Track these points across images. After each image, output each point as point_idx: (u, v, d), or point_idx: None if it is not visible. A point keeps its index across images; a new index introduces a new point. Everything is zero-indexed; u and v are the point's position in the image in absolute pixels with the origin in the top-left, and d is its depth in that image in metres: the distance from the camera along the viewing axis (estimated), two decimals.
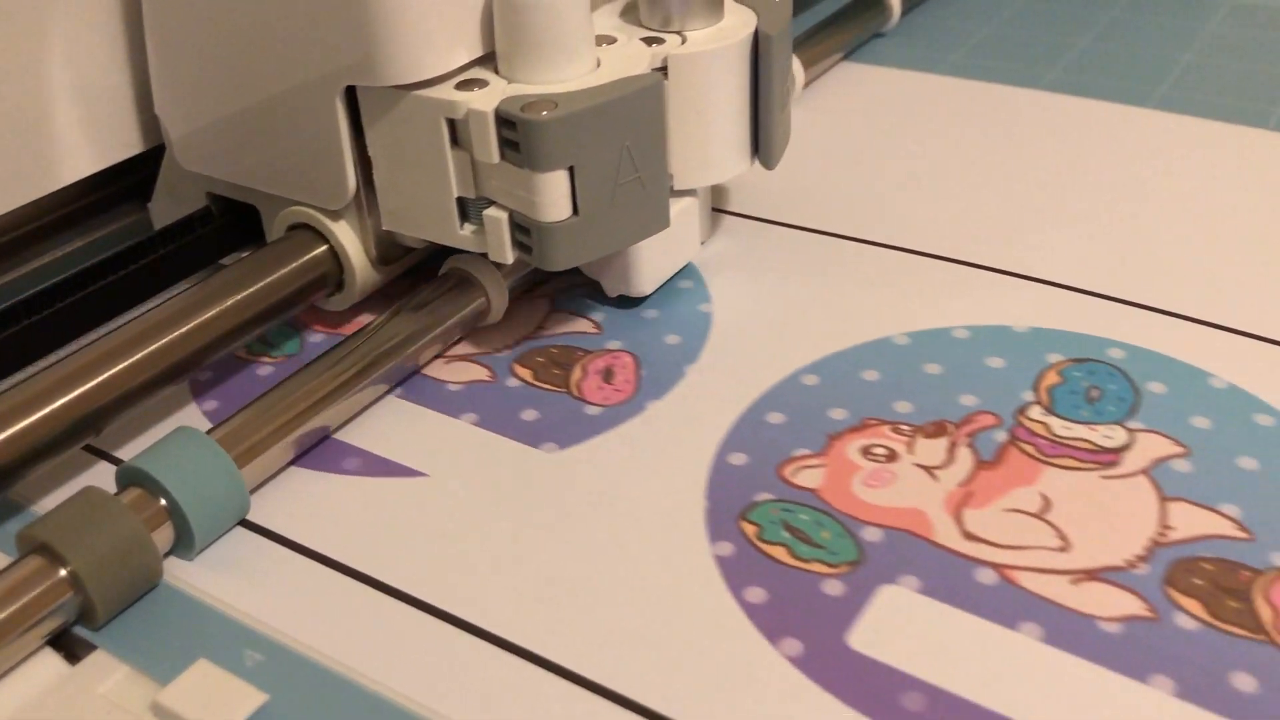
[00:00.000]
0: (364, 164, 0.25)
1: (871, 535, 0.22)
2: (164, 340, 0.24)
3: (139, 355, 0.23)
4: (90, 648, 0.20)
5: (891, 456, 0.23)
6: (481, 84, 0.24)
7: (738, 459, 0.23)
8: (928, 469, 0.23)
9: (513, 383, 0.26)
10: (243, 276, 0.25)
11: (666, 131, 0.25)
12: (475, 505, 0.23)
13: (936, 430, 0.24)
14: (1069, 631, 0.20)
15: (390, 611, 0.21)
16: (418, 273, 0.28)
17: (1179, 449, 0.23)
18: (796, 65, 0.37)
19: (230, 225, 0.29)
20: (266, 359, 0.27)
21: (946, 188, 0.33)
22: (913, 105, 0.37)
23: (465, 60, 0.24)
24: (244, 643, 0.20)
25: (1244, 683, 0.19)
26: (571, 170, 0.23)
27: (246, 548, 0.22)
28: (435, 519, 0.22)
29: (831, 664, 0.19)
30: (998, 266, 0.29)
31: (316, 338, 0.27)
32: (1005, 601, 0.20)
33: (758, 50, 0.26)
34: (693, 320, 0.28)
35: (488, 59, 0.25)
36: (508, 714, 0.19)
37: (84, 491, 0.21)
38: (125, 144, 0.29)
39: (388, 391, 0.26)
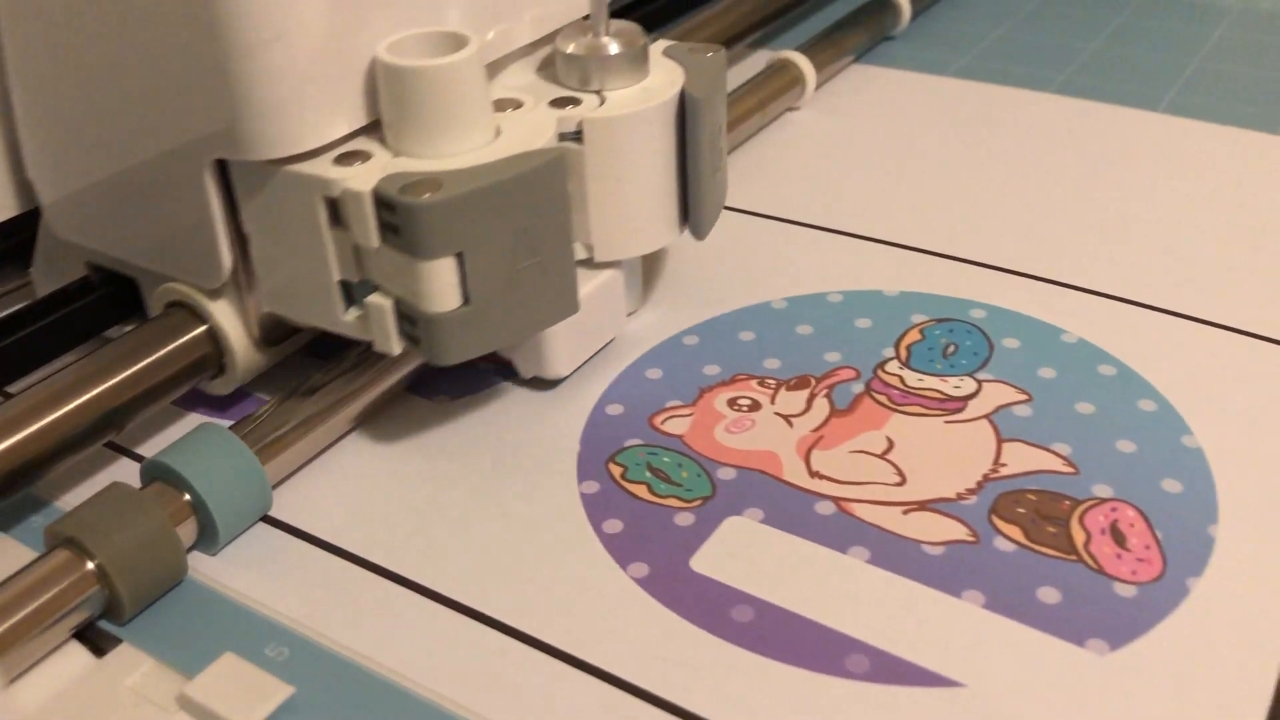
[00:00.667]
0: (241, 240, 0.23)
1: (726, 474, 0.23)
2: (19, 436, 0.22)
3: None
4: (116, 641, 0.20)
5: (754, 406, 0.25)
6: (364, 157, 0.22)
7: (615, 409, 0.25)
8: (786, 417, 0.25)
9: None
10: (114, 360, 0.23)
11: (569, 210, 0.22)
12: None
13: (799, 383, 0.26)
14: (894, 554, 0.21)
15: (412, 605, 0.21)
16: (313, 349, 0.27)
17: (1022, 396, 0.25)
18: (807, 68, 0.37)
19: (112, 296, 0.26)
20: None
21: (917, 181, 0.34)
22: (921, 107, 0.38)
23: (346, 130, 0.22)
24: (269, 636, 0.20)
25: (1049, 595, 0.21)
26: (461, 256, 0.21)
27: (269, 543, 0.22)
28: (459, 510, 0.23)
29: (673, 584, 0.21)
30: (872, 235, 0.31)
31: None
32: (839, 529, 0.22)
33: (685, 112, 0.24)
34: None
35: (376, 127, 0.22)
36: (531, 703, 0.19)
37: (110, 487, 0.21)
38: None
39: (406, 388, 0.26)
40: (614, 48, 0.24)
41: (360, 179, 0.21)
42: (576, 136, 0.24)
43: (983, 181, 0.33)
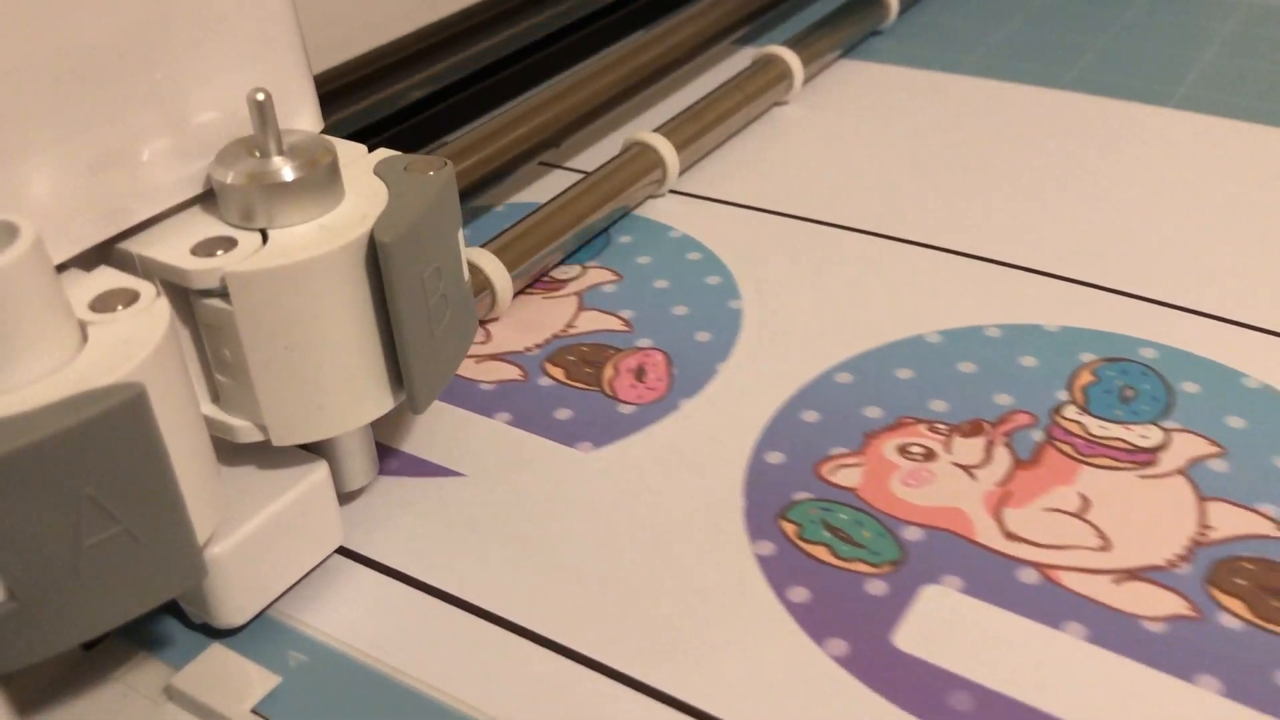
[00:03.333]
0: None
1: (912, 535, 0.22)
2: None
3: None
4: (104, 634, 0.20)
5: (929, 455, 0.23)
6: None
7: (775, 457, 0.23)
8: (966, 468, 0.23)
9: (545, 381, 0.26)
10: None
11: (163, 456, 0.17)
12: (510, 504, 0.23)
13: (973, 429, 0.24)
14: (1113, 631, 0.20)
15: (412, 601, 0.21)
16: None
17: (1215, 449, 0.23)
18: (795, 64, 0.36)
19: None
20: None
21: (957, 184, 0.33)
22: (911, 101, 0.37)
23: None
24: (256, 627, 0.20)
25: None
26: None
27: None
28: (468, 516, 0.22)
29: (878, 664, 0.19)
30: (1025, 265, 0.29)
31: None
32: (1048, 601, 0.20)
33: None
34: (722, 317, 0.28)
35: None
36: (539, 705, 0.19)
37: None
38: None
39: None
40: (286, 172, 0.19)
41: None
42: (225, 294, 0.18)
43: (973, 178, 0.33)
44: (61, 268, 0.18)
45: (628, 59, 0.36)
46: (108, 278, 0.18)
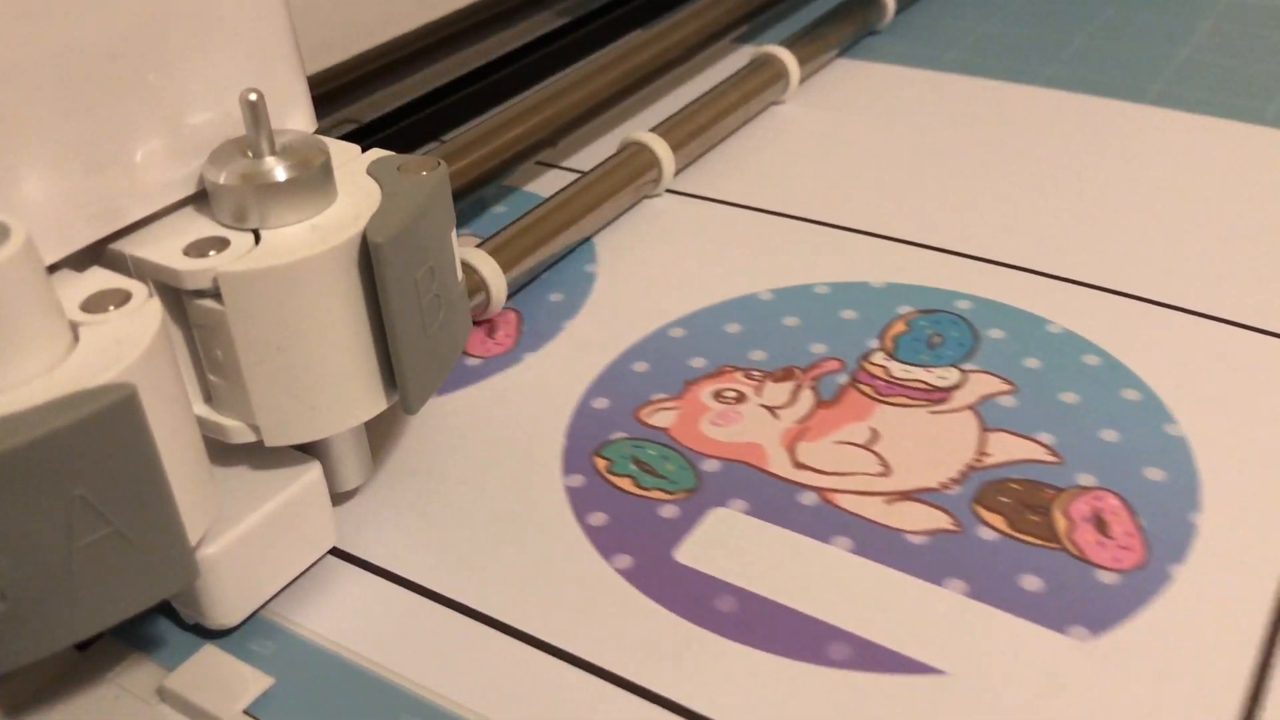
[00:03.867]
0: None
1: (711, 466, 0.23)
2: None
3: None
4: (97, 635, 0.20)
5: (740, 399, 0.25)
6: None
7: (600, 403, 0.25)
8: (771, 409, 0.25)
9: None
10: None
11: (154, 457, 0.17)
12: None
13: (785, 375, 0.26)
14: (878, 544, 0.22)
15: (392, 596, 0.21)
16: None
17: (1007, 386, 0.25)
18: (791, 62, 0.37)
19: None
20: None
21: (902, 173, 0.34)
22: (905, 101, 0.38)
23: None
24: (249, 628, 0.21)
25: (1031, 583, 0.21)
26: None
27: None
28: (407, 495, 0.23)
29: (656, 575, 0.21)
30: (881, 232, 0.31)
31: None
32: (823, 520, 0.22)
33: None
34: (577, 279, 0.29)
35: None
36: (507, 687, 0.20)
37: None
38: None
39: None
40: (279, 173, 0.19)
41: None
42: (217, 294, 0.19)
43: (967, 174, 0.33)
44: (53, 268, 0.18)
45: (624, 59, 0.36)
46: (99, 278, 0.18)
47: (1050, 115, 0.37)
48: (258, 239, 0.19)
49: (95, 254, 0.19)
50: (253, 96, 0.19)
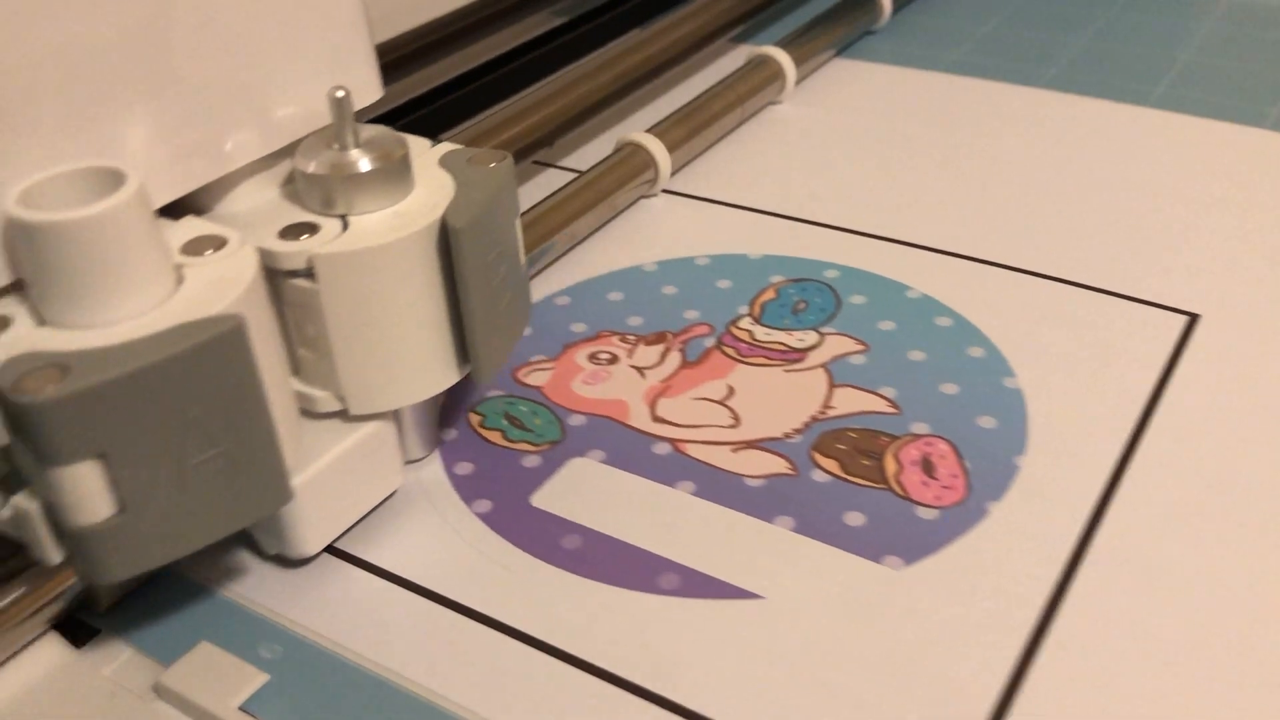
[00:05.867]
0: None
1: (576, 421, 0.25)
2: None
3: None
4: (94, 632, 0.21)
5: (613, 360, 0.27)
6: (3, 324, 0.18)
7: None
8: (640, 369, 0.27)
9: None
10: None
11: (258, 387, 0.18)
12: None
13: (657, 339, 0.28)
14: (718, 487, 0.23)
15: (386, 593, 0.22)
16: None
17: (859, 346, 0.27)
18: (788, 63, 0.37)
19: None
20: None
21: (932, 179, 0.35)
22: (904, 100, 0.39)
23: None
24: (245, 625, 0.21)
25: (854, 519, 0.22)
26: (106, 457, 0.17)
27: (243, 534, 0.22)
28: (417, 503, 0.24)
29: (512, 518, 0.23)
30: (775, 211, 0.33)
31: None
32: (672, 467, 0.24)
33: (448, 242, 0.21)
34: None
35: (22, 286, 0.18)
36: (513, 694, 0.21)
37: None
38: None
39: None
40: (364, 164, 0.20)
41: None
42: (310, 274, 0.20)
43: (912, 166, 0.35)
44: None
45: (621, 59, 0.36)
46: (194, 226, 0.20)
47: (1048, 118, 0.37)
48: (345, 225, 0.20)
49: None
50: (339, 93, 0.20)
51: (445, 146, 0.23)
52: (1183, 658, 0.20)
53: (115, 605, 0.21)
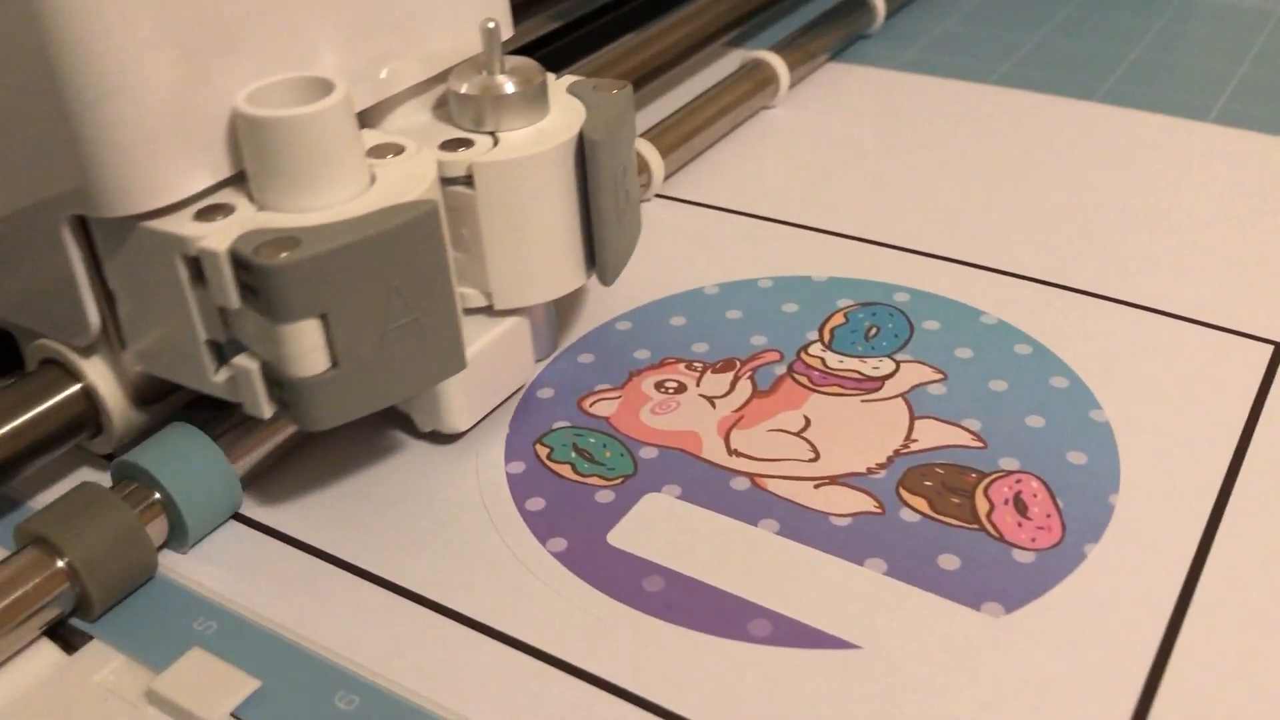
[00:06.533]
0: (109, 297, 0.22)
1: (648, 454, 0.24)
2: None
3: None
4: (86, 638, 0.21)
5: (680, 389, 0.26)
6: (227, 211, 0.21)
7: (545, 393, 0.26)
8: (709, 398, 0.26)
9: None
10: None
11: (447, 265, 0.21)
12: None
13: (725, 366, 0.27)
14: (802, 525, 0.22)
15: (371, 596, 0.21)
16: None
17: (937, 375, 0.26)
18: (781, 67, 0.38)
19: None
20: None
21: (872, 174, 0.34)
22: (899, 104, 0.39)
23: (209, 183, 0.21)
24: (237, 632, 0.21)
25: (949, 562, 0.21)
26: (325, 317, 0.20)
27: (239, 540, 0.23)
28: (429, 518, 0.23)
29: (589, 557, 0.22)
30: (831, 229, 0.32)
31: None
32: (752, 503, 0.23)
33: (584, 154, 0.24)
34: None
35: (243, 177, 0.21)
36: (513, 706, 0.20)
37: (80, 486, 0.22)
38: None
39: None
40: (509, 87, 0.23)
41: (218, 237, 0.20)
42: (469, 181, 0.23)
43: (939, 175, 0.34)
44: None
45: (615, 63, 0.37)
46: (374, 135, 0.23)
47: (1022, 117, 0.37)
48: (495, 140, 0.23)
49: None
50: (490, 24, 0.23)
51: (569, 77, 0.26)
52: None
53: (107, 611, 0.21)
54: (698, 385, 0.26)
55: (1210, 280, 0.29)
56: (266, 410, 0.21)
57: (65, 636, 0.21)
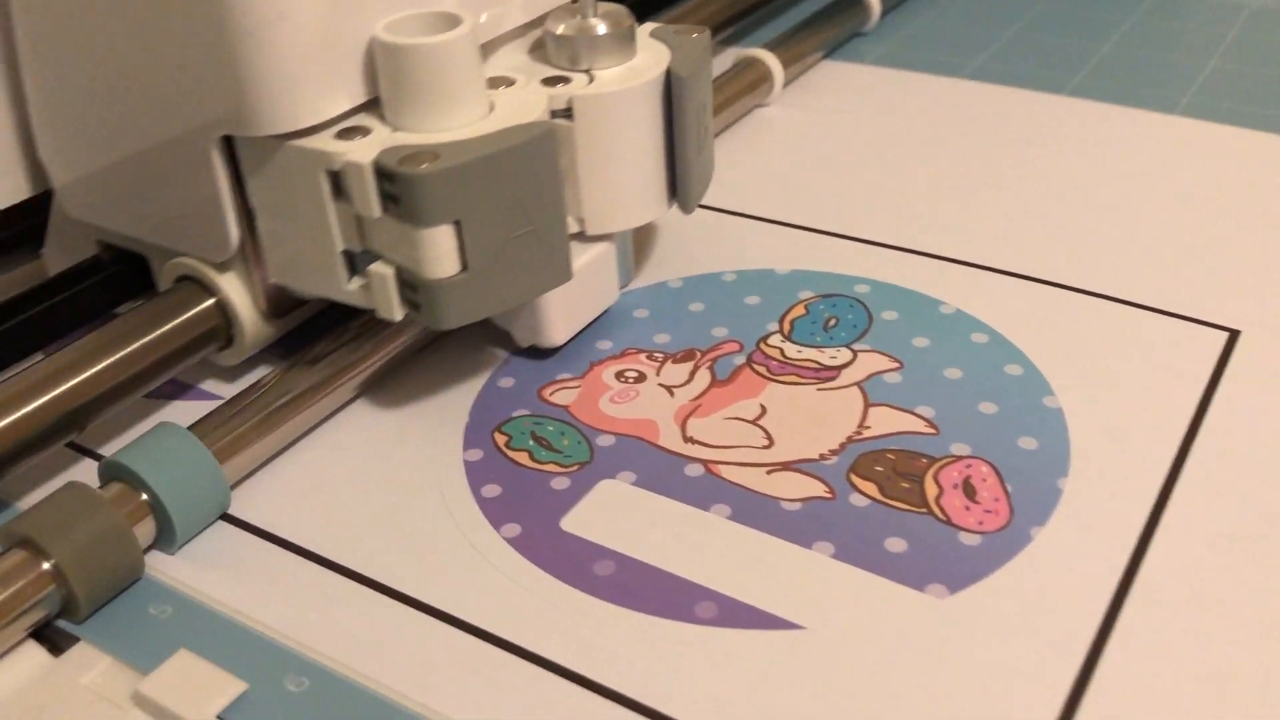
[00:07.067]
0: (248, 215, 0.24)
1: (605, 441, 0.25)
2: (42, 400, 0.23)
3: (16, 417, 0.23)
4: (73, 640, 0.21)
5: (640, 378, 0.26)
6: (364, 132, 0.23)
7: (506, 383, 0.26)
8: (668, 388, 0.26)
9: None
10: (127, 331, 0.25)
11: (561, 182, 0.24)
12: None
13: (685, 356, 0.27)
14: (754, 511, 0.23)
15: (367, 602, 0.21)
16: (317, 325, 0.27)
17: (894, 364, 0.26)
18: (775, 65, 0.38)
19: (122, 273, 0.28)
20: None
21: (849, 171, 0.35)
22: (893, 102, 0.39)
23: (347, 107, 0.23)
24: (224, 634, 0.21)
25: (895, 545, 0.22)
26: (458, 224, 0.22)
27: (228, 541, 0.23)
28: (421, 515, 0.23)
29: (542, 542, 0.22)
30: (799, 224, 0.32)
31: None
32: (705, 489, 0.23)
33: (671, 90, 0.26)
34: None
35: (374, 104, 0.24)
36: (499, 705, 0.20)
37: (67, 486, 0.22)
38: (12, 189, 0.27)
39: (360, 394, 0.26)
40: (602, 29, 0.25)
41: (361, 152, 0.22)
42: (567, 114, 0.25)
43: (919, 171, 0.35)
44: None
45: None
46: (488, 68, 0.25)
47: (997, 111, 0.38)
48: (590, 78, 0.25)
49: None
50: None
51: (650, 25, 0.28)
52: (1236, 688, 0.19)
53: (94, 613, 0.21)
54: (658, 375, 0.26)
55: (1170, 269, 0.29)
56: (399, 313, 0.23)
57: (52, 638, 0.21)
